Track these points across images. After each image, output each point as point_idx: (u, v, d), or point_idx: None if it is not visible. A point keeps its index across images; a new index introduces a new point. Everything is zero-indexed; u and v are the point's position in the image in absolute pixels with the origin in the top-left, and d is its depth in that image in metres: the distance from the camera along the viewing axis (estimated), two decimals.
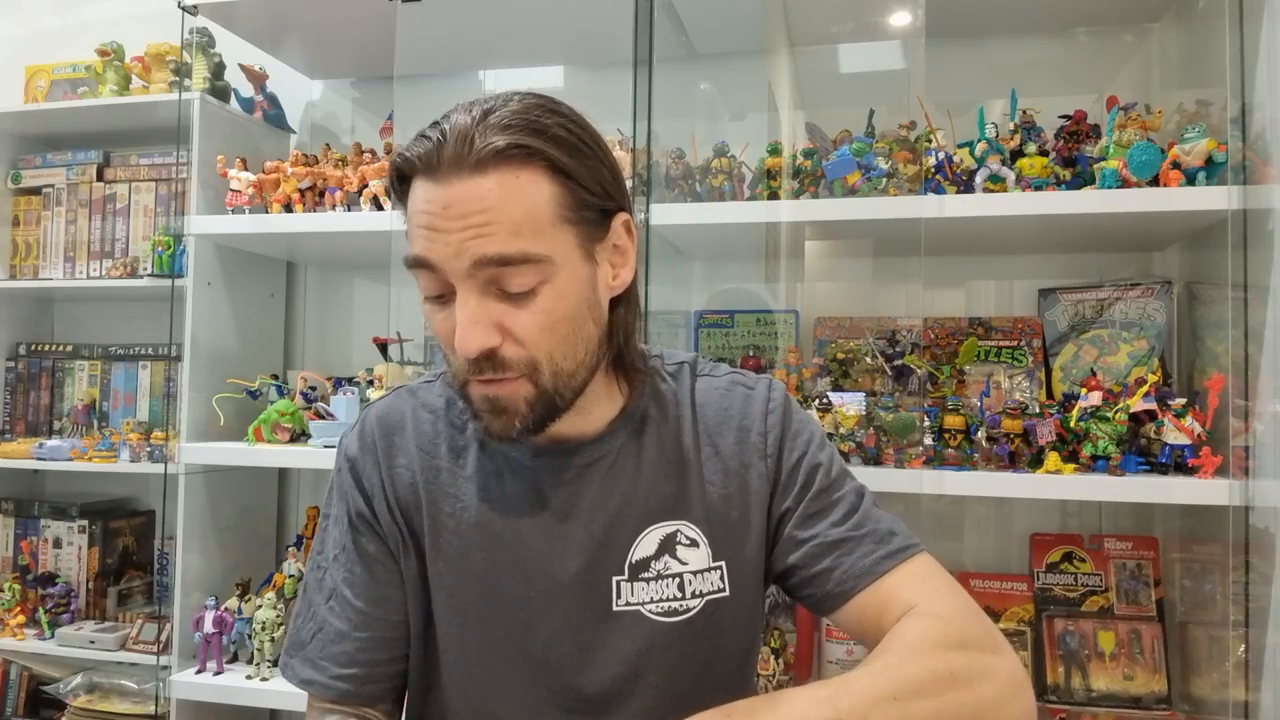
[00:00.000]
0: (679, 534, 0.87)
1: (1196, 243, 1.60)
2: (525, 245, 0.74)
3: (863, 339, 1.71)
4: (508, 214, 0.73)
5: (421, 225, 0.76)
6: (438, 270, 0.75)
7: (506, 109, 0.76)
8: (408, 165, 0.77)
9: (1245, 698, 1.34)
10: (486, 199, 0.73)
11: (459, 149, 0.74)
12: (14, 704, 2.16)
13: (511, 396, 0.78)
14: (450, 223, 0.74)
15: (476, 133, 0.74)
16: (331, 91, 2.26)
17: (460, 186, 0.74)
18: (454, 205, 0.74)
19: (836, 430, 1.53)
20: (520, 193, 0.74)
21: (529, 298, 0.75)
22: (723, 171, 1.65)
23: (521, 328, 0.76)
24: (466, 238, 0.73)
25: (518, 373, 0.77)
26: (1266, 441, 1.32)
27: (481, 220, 0.73)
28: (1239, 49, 1.39)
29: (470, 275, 0.74)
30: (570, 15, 1.80)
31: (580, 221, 0.78)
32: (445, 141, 0.74)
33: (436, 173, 0.75)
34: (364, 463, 0.91)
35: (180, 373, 1.88)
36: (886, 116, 1.64)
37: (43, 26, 2.44)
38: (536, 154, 0.75)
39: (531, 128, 0.75)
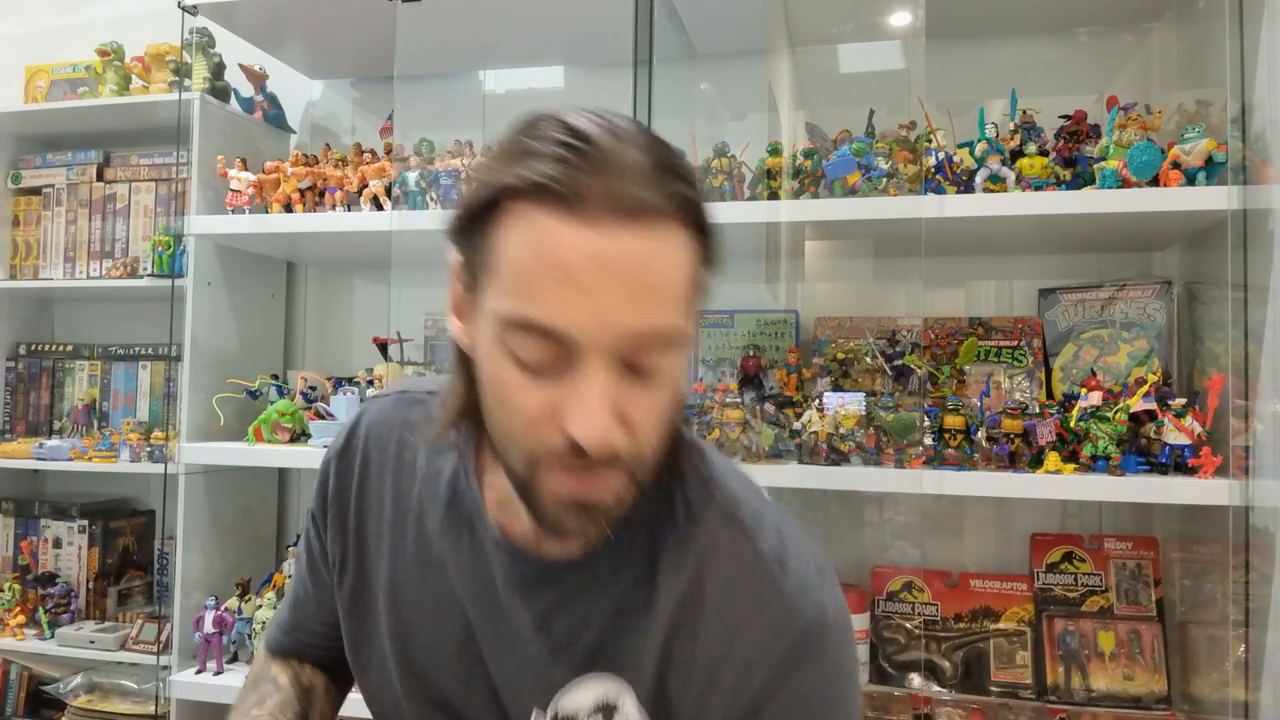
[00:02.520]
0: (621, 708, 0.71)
1: (1196, 243, 1.60)
2: (677, 319, 0.62)
3: (863, 339, 1.71)
4: (670, 278, 0.61)
5: (556, 281, 0.58)
6: (571, 344, 0.59)
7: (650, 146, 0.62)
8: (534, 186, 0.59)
9: (1245, 698, 1.34)
10: (651, 258, 0.59)
11: (624, 187, 0.58)
12: (14, 704, 2.16)
13: (609, 496, 0.64)
14: (603, 282, 0.58)
15: (645, 170, 0.59)
16: (331, 91, 2.26)
17: (615, 237, 0.58)
18: (614, 261, 0.58)
19: (837, 430, 1.53)
20: (676, 256, 0.61)
21: (654, 380, 0.62)
22: (723, 171, 1.65)
23: (642, 413, 0.63)
24: (621, 303, 0.58)
25: (623, 468, 0.63)
26: (1266, 441, 1.32)
27: (643, 284, 0.59)
28: (1239, 49, 1.39)
29: (611, 349, 0.60)
30: (570, 15, 1.79)
31: (695, 293, 0.65)
32: (604, 171, 0.58)
33: (585, 211, 0.58)
34: (335, 468, 0.86)
35: (180, 373, 1.88)
36: (886, 116, 1.65)
37: (43, 26, 2.44)
38: (690, 221, 0.62)
39: (692, 183, 0.63)
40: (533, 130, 0.62)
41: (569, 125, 0.60)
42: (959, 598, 1.70)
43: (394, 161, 1.83)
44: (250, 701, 0.90)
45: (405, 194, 1.77)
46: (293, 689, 0.92)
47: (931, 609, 1.70)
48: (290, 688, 0.92)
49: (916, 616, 1.70)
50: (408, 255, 1.83)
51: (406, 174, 1.77)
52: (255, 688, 0.92)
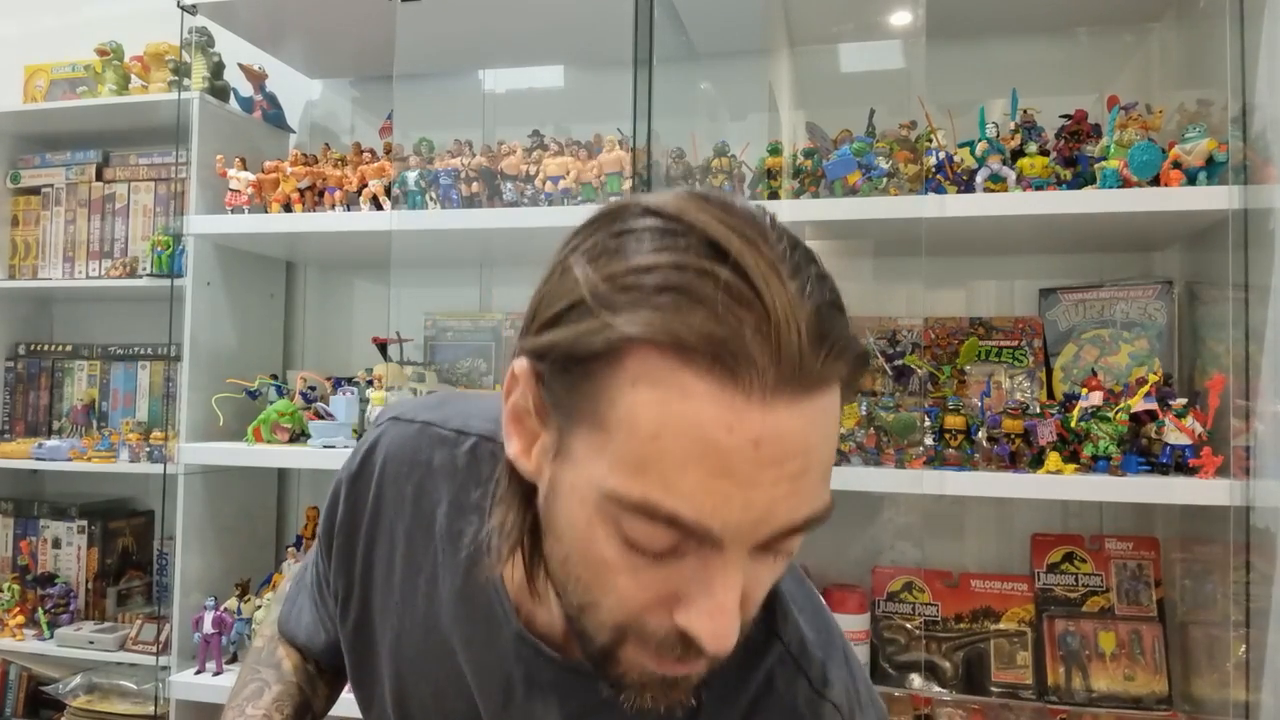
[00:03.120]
0: None
1: (1197, 243, 1.60)
2: (827, 498, 0.51)
3: (863, 339, 1.71)
4: (824, 455, 0.49)
5: (704, 467, 0.46)
6: (713, 540, 0.48)
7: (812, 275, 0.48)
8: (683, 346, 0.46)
9: (1246, 698, 1.34)
10: (809, 434, 0.47)
11: (800, 349, 0.46)
12: (13, 704, 2.16)
13: (691, 676, 0.55)
14: (768, 473, 0.47)
15: (804, 326, 0.46)
16: (331, 91, 2.26)
17: (785, 415, 0.46)
18: (770, 443, 0.46)
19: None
20: (832, 422, 0.50)
21: (784, 555, 0.53)
22: (723, 171, 1.65)
23: (760, 591, 0.53)
24: (779, 495, 0.47)
25: None
26: (1267, 441, 1.32)
27: (800, 468, 0.48)
28: (1239, 49, 1.39)
29: (758, 543, 0.49)
30: (570, 15, 1.79)
31: None
32: (774, 326, 0.45)
33: (753, 383, 0.45)
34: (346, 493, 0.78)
35: (180, 373, 1.87)
36: (887, 116, 1.64)
37: (42, 26, 2.43)
38: (855, 357, 0.50)
39: (840, 309, 0.49)
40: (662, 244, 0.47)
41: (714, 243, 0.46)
42: (959, 598, 1.70)
43: (393, 161, 1.82)
44: (249, 690, 0.87)
45: (405, 194, 1.76)
46: (295, 675, 0.89)
47: (932, 609, 1.70)
48: (293, 675, 0.89)
49: (917, 617, 1.70)
50: (407, 255, 1.83)
51: (406, 174, 1.77)
52: (256, 671, 0.89)
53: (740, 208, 0.50)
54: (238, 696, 0.87)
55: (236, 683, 0.89)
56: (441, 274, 2.10)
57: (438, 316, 2.04)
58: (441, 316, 2.04)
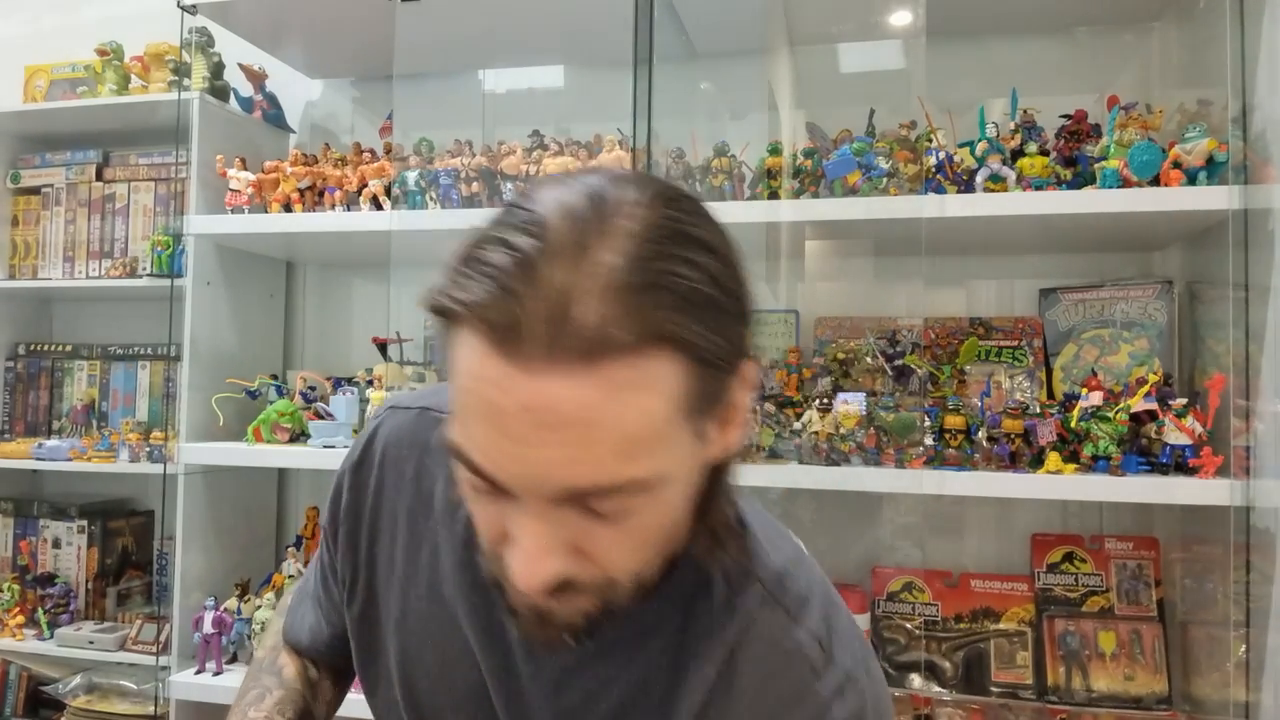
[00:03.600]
0: None
1: (1197, 242, 1.60)
2: (636, 469, 0.52)
3: (863, 339, 1.71)
4: (620, 431, 0.50)
5: (484, 419, 0.51)
6: (500, 485, 0.53)
7: (626, 244, 0.49)
8: (470, 312, 0.50)
9: (1246, 698, 1.34)
10: (591, 408, 0.49)
11: (555, 322, 0.48)
12: (13, 704, 2.16)
13: (571, 611, 0.58)
14: (532, 432, 0.50)
15: (583, 297, 0.48)
16: (331, 91, 2.26)
17: (553, 384, 0.48)
18: (540, 410, 0.49)
19: (837, 430, 1.53)
20: (640, 397, 0.50)
21: (623, 516, 0.54)
22: (723, 171, 1.65)
23: (606, 549, 0.56)
24: (554, 460, 0.50)
25: (587, 593, 0.57)
26: (1267, 441, 1.32)
27: (580, 437, 0.49)
28: (1239, 49, 1.39)
29: (551, 500, 0.52)
30: (570, 15, 1.79)
31: (703, 409, 0.54)
32: (531, 298, 0.48)
33: (515, 349, 0.49)
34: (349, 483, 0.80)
35: (179, 373, 1.87)
36: (887, 116, 1.64)
37: (42, 26, 2.43)
38: (670, 341, 0.50)
39: (667, 290, 0.50)
40: (496, 224, 0.52)
41: (525, 223, 0.50)
42: (959, 598, 1.69)
43: (393, 161, 1.82)
44: (251, 696, 0.88)
45: (405, 194, 1.76)
46: (297, 681, 0.90)
47: (932, 609, 1.70)
48: (295, 681, 0.90)
49: (917, 617, 1.70)
50: (407, 255, 1.83)
51: (406, 174, 1.77)
52: (258, 679, 0.90)
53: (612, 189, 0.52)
54: (240, 703, 0.88)
55: (239, 692, 0.89)
56: (441, 274, 2.10)
57: None
58: None
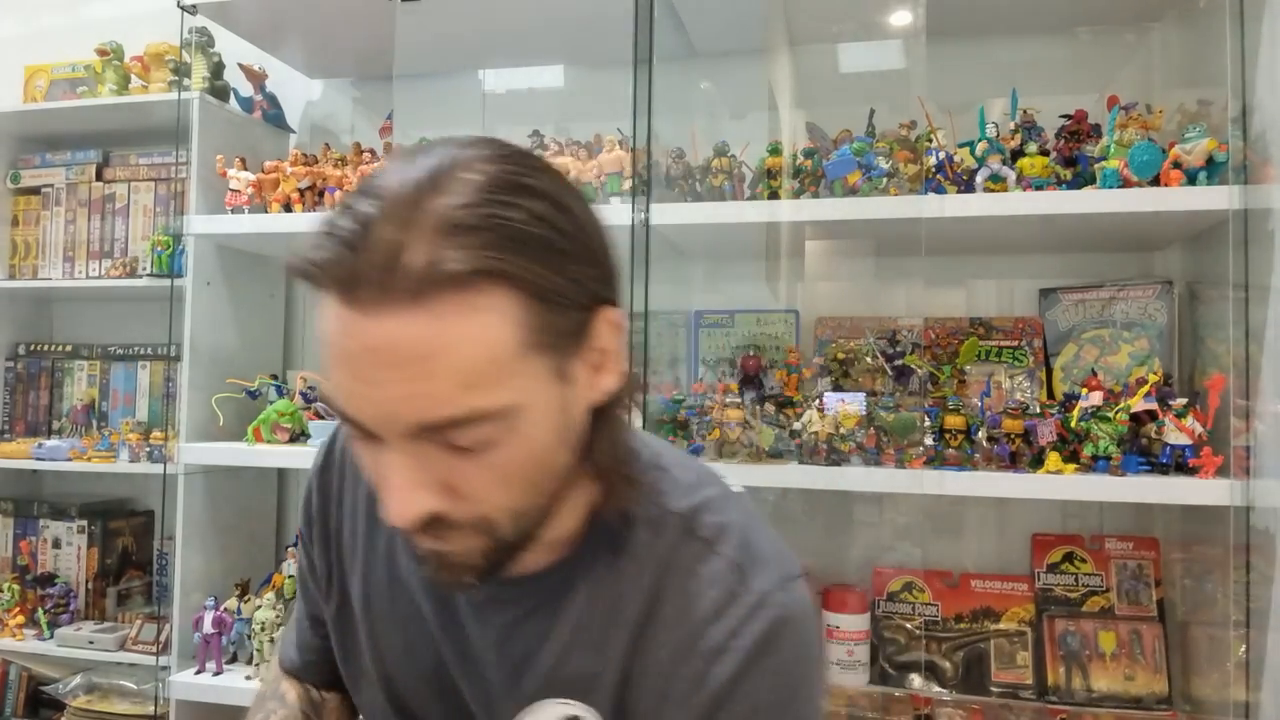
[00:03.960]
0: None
1: (1197, 242, 1.60)
2: (480, 400, 0.55)
3: (863, 339, 1.71)
4: (458, 363, 0.54)
5: (337, 364, 0.56)
6: (366, 429, 0.58)
7: (455, 195, 0.54)
8: (316, 271, 0.55)
9: (1246, 698, 1.34)
10: (426, 342, 0.53)
11: (385, 267, 0.52)
12: (13, 704, 2.16)
13: (462, 553, 0.62)
14: (377, 372, 0.54)
15: (408, 241, 0.52)
16: (331, 91, 2.26)
17: (389, 323, 0.53)
18: (381, 350, 0.53)
19: (837, 430, 1.53)
20: (474, 330, 0.54)
21: (484, 450, 0.57)
22: (723, 171, 1.65)
23: (474, 487, 0.59)
24: (401, 397, 0.54)
25: (467, 530, 0.61)
26: (1267, 441, 1.32)
27: (420, 372, 0.53)
28: (1240, 49, 1.39)
29: (407, 436, 0.56)
30: (570, 15, 1.79)
31: (553, 344, 0.58)
32: (366, 250, 0.53)
33: (355, 299, 0.53)
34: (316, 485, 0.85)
35: (180, 373, 1.87)
36: (887, 116, 1.64)
37: (42, 26, 2.43)
38: (497, 275, 0.54)
39: (493, 230, 0.54)
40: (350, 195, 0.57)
41: (369, 189, 0.55)
42: (959, 598, 1.69)
43: None
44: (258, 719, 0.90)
45: None
46: (299, 705, 0.91)
47: (932, 609, 1.70)
48: (297, 704, 0.91)
49: (917, 617, 1.70)
50: None
51: None
52: (262, 705, 0.92)
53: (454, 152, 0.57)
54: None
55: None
56: None
57: None
58: None
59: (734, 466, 1.53)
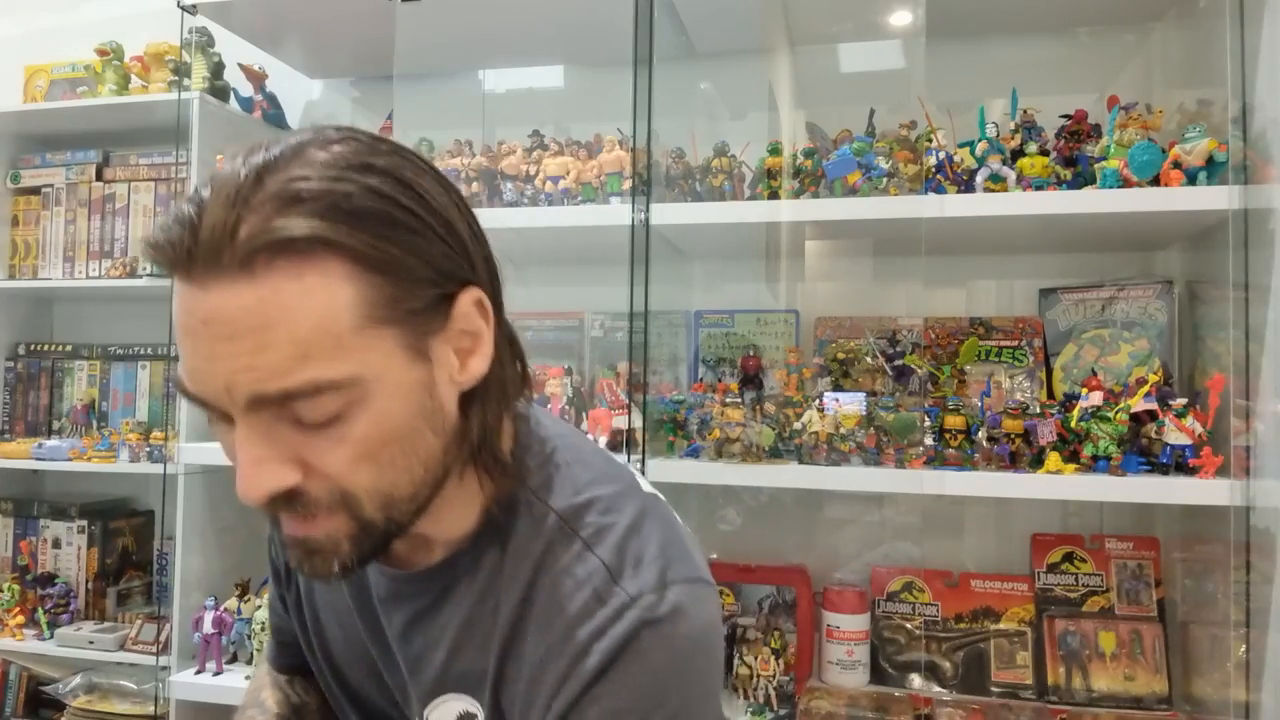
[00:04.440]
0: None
1: (1197, 242, 1.60)
2: (317, 371, 0.55)
3: (863, 339, 1.71)
4: (292, 332, 0.54)
5: (180, 339, 0.57)
6: (206, 405, 0.58)
7: (292, 171, 0.56)
8: (157, 250, 0.57)
9: (1246, 698, 1.34)
10: (259, 312, 0.54)
11: (217, 240, 0.54)
12: (13, 704, 2.16)
13: (327, 536, 0.61)
14: (214, 345, 0.55)
15: (240, 215, 0.54)
16: (331, 91, 2.26)
17: (222, 295, 0.54)
18: (215, 322, 0.54)
19: (837, 430, 1.53)
20: (307, 300, 0.54)
21: (334, 424, 0.58)
22: (723, 171, 1.65)
23: (327, 461, 0.58)
24: (238, 369, 0.55)
25: (327, 508, 0.60)
26: (1268, 441, 1.32)
27: (255, 343, 0.54)
28: (1240, 49, 1.39)
29: (251, 409, 0.56)
30: (570, 15, 1.79)
31: (402, 319, 0.58)
32: (200, 227, 0.54)
33: (190, 274, 0.55)
34: None
35: None
36: (887, 116, 1.64)
37: (42, 26, 2.43)
38: (327, 244, 0.55)
39: (325, 201, 0.55)
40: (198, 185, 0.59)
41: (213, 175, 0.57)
42: (959, 598, 1.69)
43: None
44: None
45: None
46: (280, 708, 0.93)
47: (932, 609, 1.70)
48: (276, 709, 0.93)
49: (917, 617, 1.70)
50: None
51: None
52: (243, 712, 0.94)
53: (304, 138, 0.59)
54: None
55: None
56: None
57: None
58: None
59: (734, 466, 1.53)
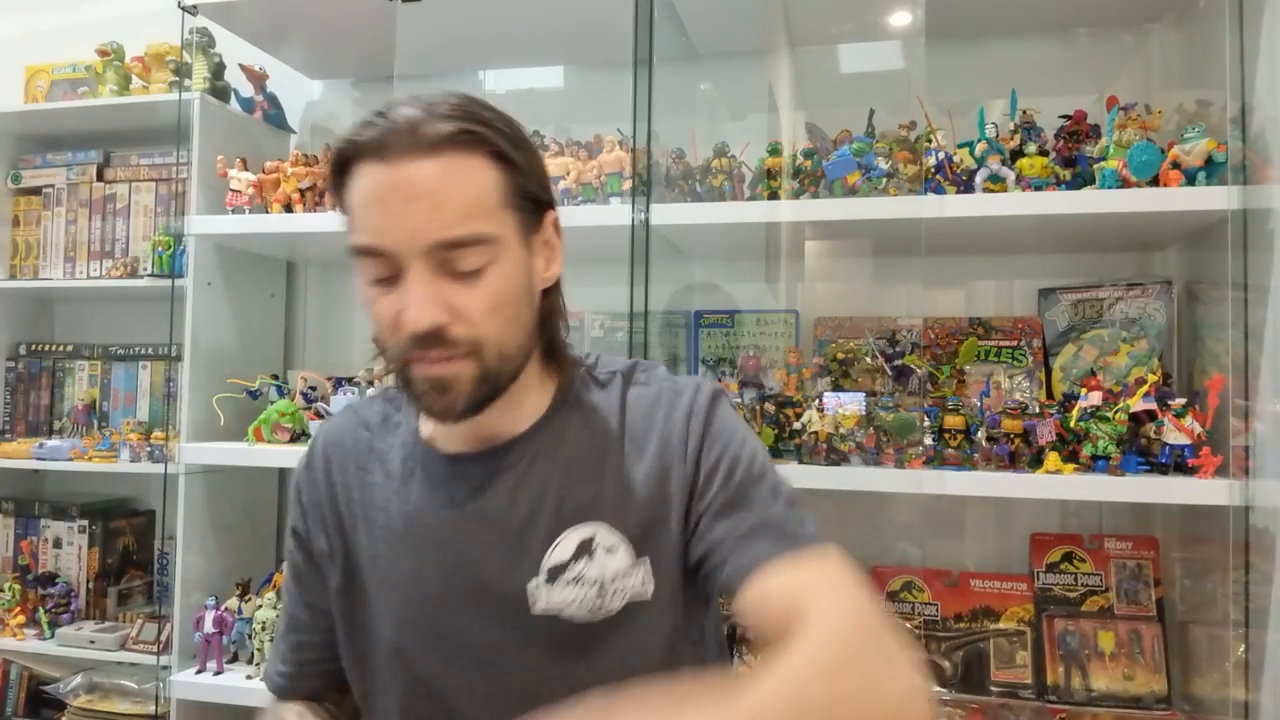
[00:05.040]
0: (596, 538, 0.85)
1: (1196, 243, 1.60)
2: (476, 226, 0.77)
3: (863, 339, 1.71)
4: (459, 196, 0.76)
5: (371, 208, 0.77)
6: (390, 255, 0.77)
7: (448, 102, 0.79)
8: (354, 149, 0.78)
9: (1245, 697, 1.34)
10: (438, 181, 0.76)
11: (409, 133, 0.76)
12: (14, 704, 2.16)
13: (456, 376, 0.79)
14: (403, 205, 0.76)
15: (423, 119, 0.77)
16: (331, 91, 2.26)
17: (411, 168, 0.76)
18: (405, 187, 0.76)
19: (837, 430, 1.53)
20: (469, 176, 0.78)
21: (477, 278, 0.78)
22: (723, 171, 1.65)
23: (470, 307, 0.78)
24: (420, 220, 0.76)
25: (463, 351, 0.79)
26: (1266, 441, 1.32)
27: (434, 203, 0.76)
28: (1239, 49, 1.39)
29: (423, 256, 0.76)
30: (570, 15, 1.79)
31: (520, 209, 0.81)
32: (395, 126, 0.77)
33: (385, 156, 0.76)
34: (303, 481, 0.98)
35: (180, 373, 1.88)
36: (886, 116, 1.64)
37: (43, 26, 2.44)
38: (482, 140, 0.78)
39: (474, 118, 0.79)
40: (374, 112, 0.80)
41: (388, 104, 0.79)
42: (959, 597, 1.70)
43: None
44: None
45: None
46: None
47: (931, 609, 1.70)
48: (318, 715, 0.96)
49: (916, 616, 1.70)
50: None
51: None
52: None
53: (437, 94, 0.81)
54: None
55: None
56: None
57: None
58: None
59: None
